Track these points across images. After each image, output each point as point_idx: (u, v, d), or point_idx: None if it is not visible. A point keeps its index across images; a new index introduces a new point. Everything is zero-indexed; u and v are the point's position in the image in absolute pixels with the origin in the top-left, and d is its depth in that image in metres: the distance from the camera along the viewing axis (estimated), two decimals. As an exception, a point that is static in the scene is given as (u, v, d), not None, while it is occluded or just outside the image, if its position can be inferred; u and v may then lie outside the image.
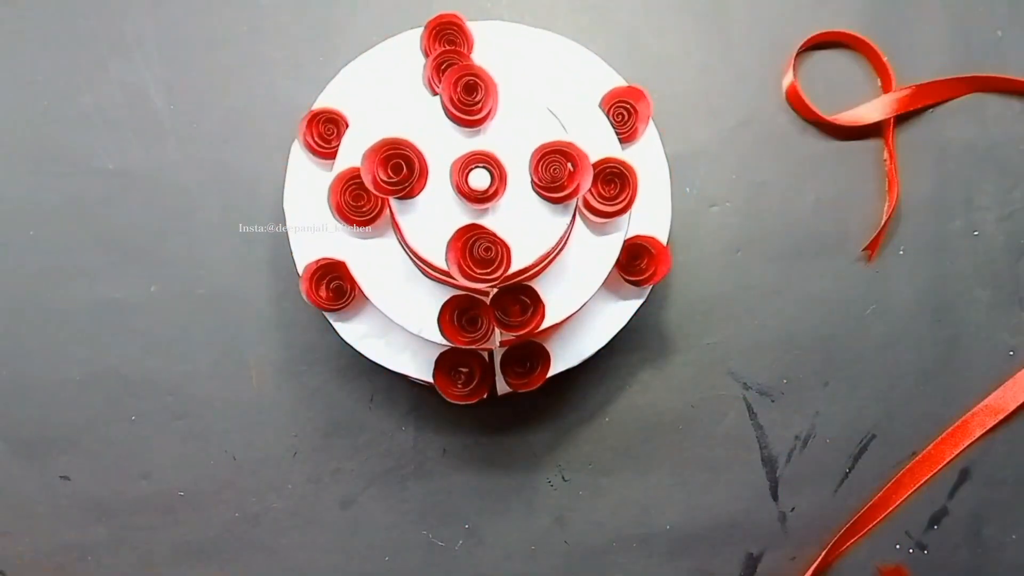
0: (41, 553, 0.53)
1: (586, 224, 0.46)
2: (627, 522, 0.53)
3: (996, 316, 0.55)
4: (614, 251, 0.46)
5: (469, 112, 0.42)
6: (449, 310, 0.44)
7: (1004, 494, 0.53)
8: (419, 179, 0.41)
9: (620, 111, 0.49)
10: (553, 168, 0.41)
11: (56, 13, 0.57)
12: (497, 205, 0.42)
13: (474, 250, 0.41)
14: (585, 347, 0.49)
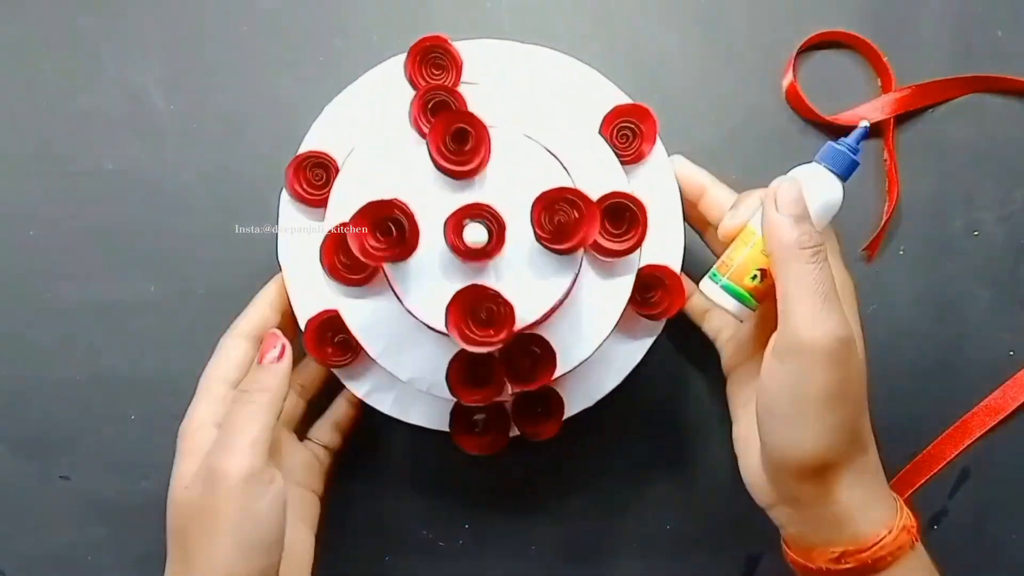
0: (41, 553, 0.53)
1: (593, 265, 0.43)
2: (627, 522, 0.53)
3: (996, 316, 0.55)
4: (625, 292, 0.43)
5: (460, 163, 0.40)
6: (457, 367, 0.43)
7: (1004, 494, 0.53)
8: (410, 240, 0.39)
9: (624, 132, 0.46)
10: (556, 217, 0.39)
11: (56, 13, 0.57)
12: (497, 260, 0.40)
13: (475, 313, 0.39)
14: (599, 388, 0.47)
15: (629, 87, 0.56)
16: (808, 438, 0.38)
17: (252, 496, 0.39)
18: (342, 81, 0.56)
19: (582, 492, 0.53)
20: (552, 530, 0.53)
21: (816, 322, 0.37)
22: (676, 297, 0.45)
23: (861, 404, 0.40)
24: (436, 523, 0.53)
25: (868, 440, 0.40)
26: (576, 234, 0.39)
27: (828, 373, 0.37)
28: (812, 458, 0.38)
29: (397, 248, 0.39)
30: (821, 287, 0.38)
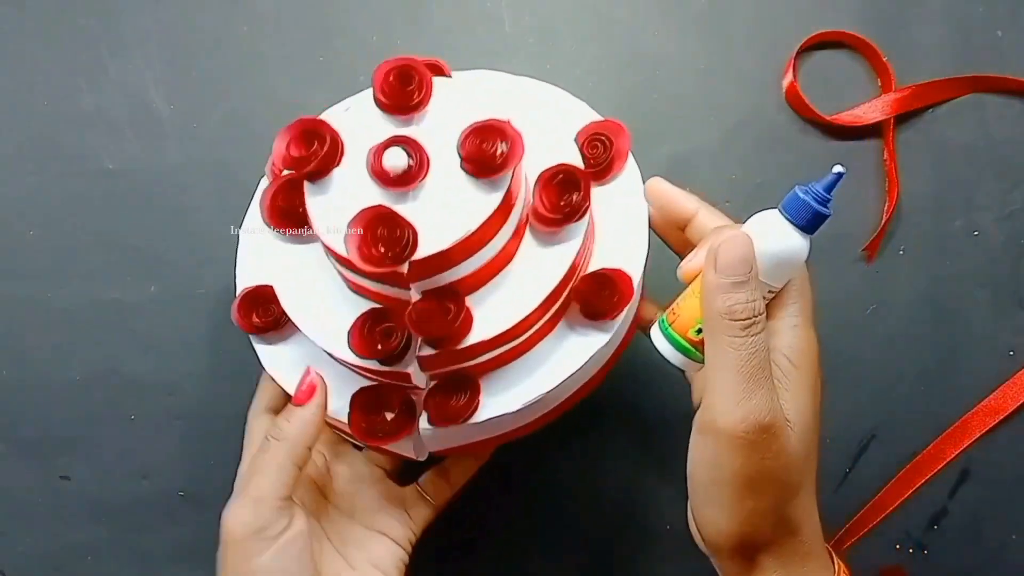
0: (41, 553, 0.53)
1: (536, 238, 0.41)
2: (627, 522, 0.53)
3: (996, 316, 0.55)
4: (563, 264, 0.40)
5: (400, 99, 0.40)
6: (363, 322, 0.40)
7: (1004, 494, 0.53)
8: (329, 156, 0.39)
9: (595, 143, 0.44)
10: (482, 142, 0.38)
11: (56, 13, 0.57)
12: (419, 190, 0.38)
13: (377, 231, 0.37)
14: (530, 389, 0.41)
15: (629, 87, 0.56)
16: (723, 519, 0.37)
17: (250, 552, 0.39)
18: (342, 81, 0.56)
19: (582, 492, 0.53)
20: (552, 530, 0.53)
21: (734, 405, 0.35)
22: (622, 299, 0.41)
23: (788, 489, 0.37)
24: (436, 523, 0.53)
25: (800, 523, 0.37)
26: (500, 158, 0.37)
27: (743, 459, 0.35)
28: (727, 539, 0.37)
29: (315, 161, 0.39)
30: (746, 366, 0.35)
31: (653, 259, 0.44)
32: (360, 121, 0.40)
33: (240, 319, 0.44)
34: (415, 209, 0.38)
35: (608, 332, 0.42)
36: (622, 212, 0.44)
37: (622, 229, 0.44)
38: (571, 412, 0.54)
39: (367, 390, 0.42)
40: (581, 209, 0.40)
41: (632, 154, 0.45)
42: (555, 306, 0.41)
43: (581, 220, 0.40)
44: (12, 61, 0.56)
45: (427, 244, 0.37)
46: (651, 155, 0.55)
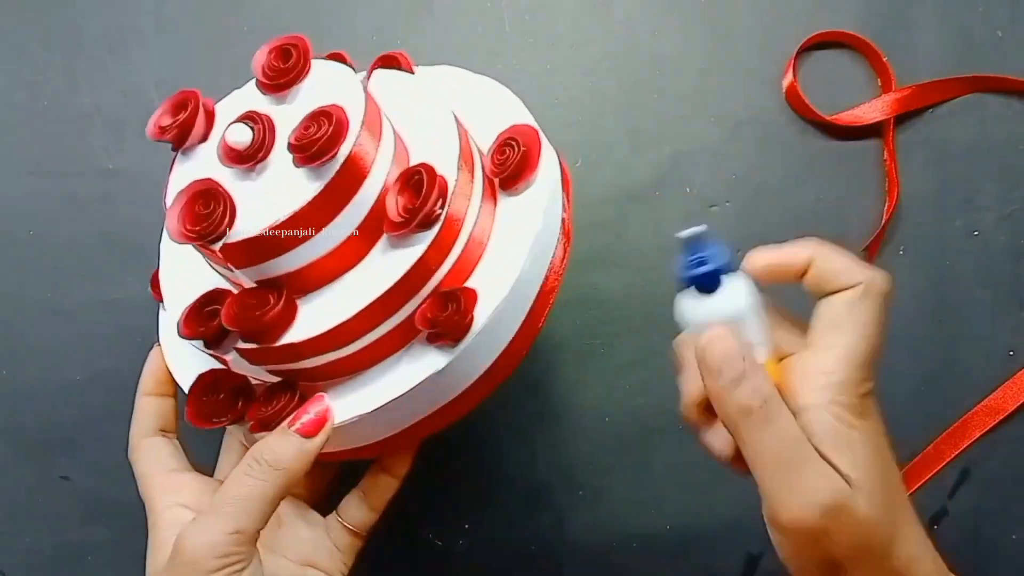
0: (41, 553, 0.53)
1: (390, 244, 0.38)
2: (627, 522, 0.53)
3: (996, 316, 0.55)
4: (397, 271, 0.37)
5: (274, 77, 0.39)
6: (200, 302, 0.39)
7: (1004, 494, 0.53)
8: (187, 125, 0.38)
9: (504, 147, 0.41)
10: (307, 127, 0.36)
11: (56, 13, 0.57)
12: (263, 172, 0.37)
13: (195, 206, 0.36)
14: (351, 406, 0.38)
15: (629, 87, 0.56)
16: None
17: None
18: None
19: (582, 492, 0.53)
20: (552, 530, 0.53)
21: (786, 497, 0.32)
22: (461, 322, 0.37)
23: (877, 549, 0.34)
24: (436, 523, 0.53)
25: (908, 570, 0.35)
26: (321, 149, 0.35)
27: (818, 543, 0.33)
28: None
29: (174, 130, 0.38)
30: (780, 455, 0.32)
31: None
32: (245, 100, 0.40)
33: (153, 291, 0.44)
34: (252, 190, 0.37)
35: (449, 355, 0.37)
36: (512, 229, 0.40)
37: (504, 247, 0.40)
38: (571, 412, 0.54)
39: (213, 373, 0.41)
40: (430, 216, 0.36)
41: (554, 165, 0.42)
42: (393, 317, 0.38)
43: (429, 228, 0.37)
44: (12, 61, 0.56)
45: (243, 227, 0.36)
46: (651, 155, 0.56)
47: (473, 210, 0.39)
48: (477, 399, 0.41)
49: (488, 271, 0.39)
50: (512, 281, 0.38)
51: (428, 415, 0.40)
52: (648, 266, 0.54)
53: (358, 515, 0.45)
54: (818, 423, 0.33)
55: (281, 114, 0.39)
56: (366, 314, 0.37)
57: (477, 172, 0.40)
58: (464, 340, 0.37)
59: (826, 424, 0.33)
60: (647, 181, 0.55)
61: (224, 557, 0.36)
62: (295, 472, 0.37)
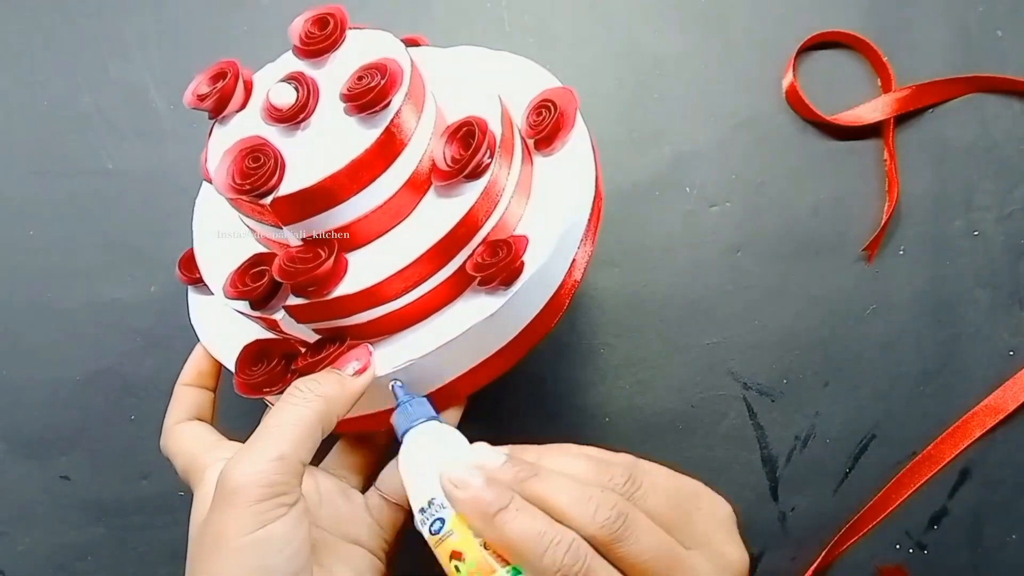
0: (41, 553, 0.53)
1: (438, 195, 0.39)
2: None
3: (996, 316, 0.55)
4: (448, 221, 0.37)
5: (313, 43, 0.39)
6: (244, 266, 0.39)
7: (1004, 494, 0.53)
8: (226, 92, 0.39)
9: (541, 110, 0.42)
10: (361, 78, 0.37)
11: (56, 13, 0.57)
12: (307, 129, 0.37)
13: (245, 162, 0.36)
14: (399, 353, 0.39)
15: (629, 87, 0.56)
16: None
17: (262, 517, 0.33)
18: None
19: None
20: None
21: None
22: (514, 264, 0.37)
23: None
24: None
25: None
26: (377, 96, 0.36)
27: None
28: None
29: (213, 98, 0.39)
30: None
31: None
32: (280, 70, 0.40)
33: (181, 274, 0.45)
34: (298, 145, 0.37)
35: (501, 298, 0.38)
36: (552, 184, 0.41)
37: (546, 201, 0.41)
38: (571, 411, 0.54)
39: (258, 343, 0.41)
40: (480, 166, 0.37)
41: (585, 122, 0.43)
42: (443, 269, 0.38)
43: (479, 178, 0.38)
44: (12, 61, 0.56)
45: (293, 181, 0.36)
46: (651, 155, 0.56)
47: (516, 165, 0.40)
48: (522, 351, 0.41)
49: (534, 222, 0.40)
50: (559, 230, 0.39)
51: (476, 366, 0.40)
52: (648, 266, 0.54)
53: (398, 484, 0.41)
54: None
55: (323, 76, 0.39)
56: (417, 265, 0.37)
57: (516, 131, 0.41)
58: (516, 284, 0.38)
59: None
60: (647, 181, 0.55)
61: (270, 487, 0.33)
62: (336, 402, 0.36)
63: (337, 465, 0.44)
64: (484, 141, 0.37)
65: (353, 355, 0.38)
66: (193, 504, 0.38)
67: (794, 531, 0.53)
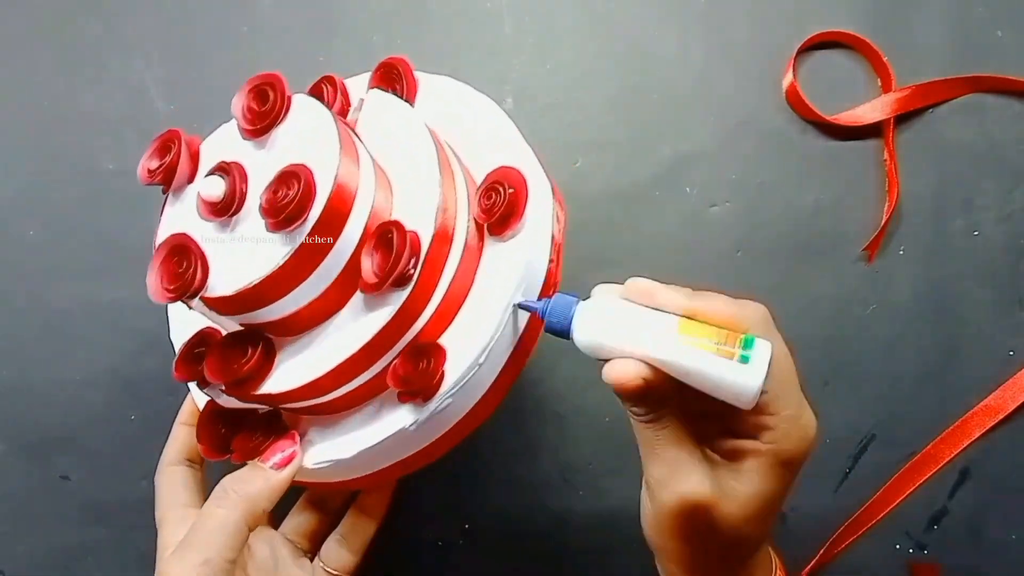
0: (41, 553, 0.53)
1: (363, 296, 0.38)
2: (627, 522, 0.53)
3: (996, 316, 0.55)
4: (372, 328, 0.36)
5: (255, 122, 0.38)
6: (192, 341, 0.40)
7: (1004, 494, 0.53)
8: (170, 169, 0.38)
9: (491, 192, 0.39)
10: (276, 190, 0.35)
11: (56, 13, 0.57)
12: (238, 224, 0.37)
13: (172, 262, 0.37)
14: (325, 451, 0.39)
15: (629, 87, 0.56)
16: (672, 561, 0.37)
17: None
18: (342, 81, 0.56)
19: (582, 492, 0.53)
20: (552, 530, 0.53)
21: (664, 479, 0.36)
22: (428, 383, 0.37)
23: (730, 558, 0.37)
24: (436, 523, 0.53)
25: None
26: (292, 215, 0.34)
27: (679, 526, 0.36)
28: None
29: (163, 174, 0.39)
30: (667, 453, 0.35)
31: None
32: (228, 138, 0.40)
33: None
34: (228, 245, 0.37)
35: (419, 413, 0.38)
36: (495, 278, 0.39)
37: (485, 297, 0.39)
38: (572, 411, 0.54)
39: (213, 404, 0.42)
40: (403, 277, 0.36)
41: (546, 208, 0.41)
42: (366, 371, 0.38)
43: (402, 288, 0.36)
44: (12, 61, 0.56)
45: (218, 285, 0.36)
46: (651, 155, 0.56)
47: (453, 262, 0.38)
48: (452, 445, 0.41)
49: (466, 325, 0.39)
50: (485, 341, 0.38)
51: (402, 460, 0.41)
52: (648, 266, 0.54)
53: (339, 558, 0.46)
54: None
55: (258, 161, 0.38)
56: (340, 370, 0.37)
57: (461, 220, 0.39)
58: (433, 400, 0.37)
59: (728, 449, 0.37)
60: (647, 181, 0.55)
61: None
62: (260, 498, 0.39)
63: (293, 530, 0.47)
64: (405, 251, 0.36)
65: (279, 447, 0.40)
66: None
67: (794, 531, 0.53)
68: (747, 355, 0.35)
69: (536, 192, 0.40)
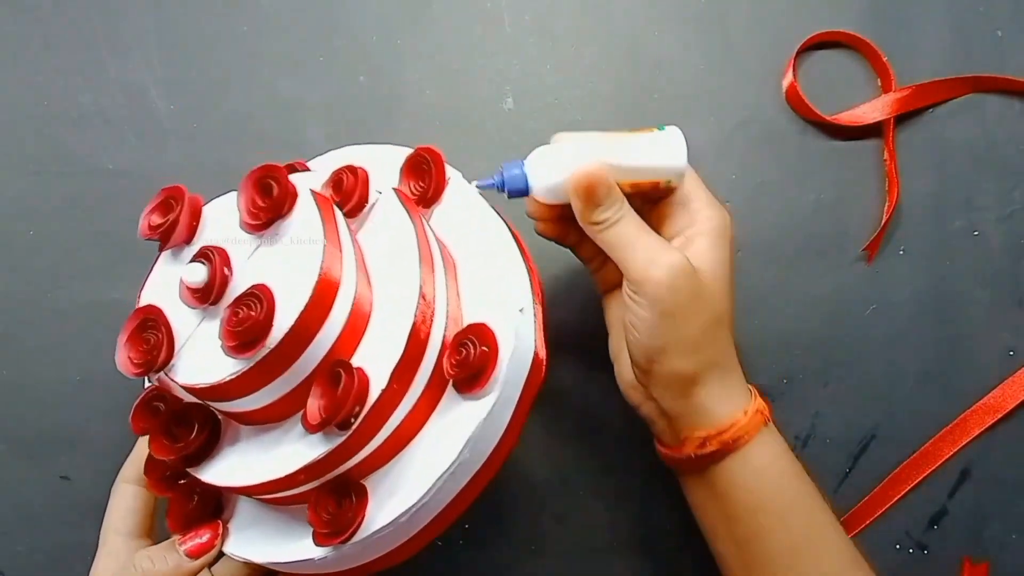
0: (41, 553, 0.53)
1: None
2: (627, 522, 0.53)
3: (996, 316, 0.55)
4: (307, 456, 0.36)
5: (252, 215, 0.38)
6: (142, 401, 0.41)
7: (1004, 494, 0.53)
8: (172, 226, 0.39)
9: (461, 347, 0.38)
10: (241, 312, 0.35)
11: (56, 13, 0.57)
12: (210, 318, 0.37)
13: (140, 337, 0.38)
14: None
15: (629, 87, 0.57)
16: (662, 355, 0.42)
17: None
18: (342, 81, 0.56)
19: (582, 491, 0.53)
20: (552, 529, 0.53)
21: (642, 265, 0.41)
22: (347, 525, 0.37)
23: (715, 316, 0.43)
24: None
25: (723, 350, 0.44)
26: (252, 341, 0.35)
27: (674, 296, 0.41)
28: (664, 371, 0.42)
29: (165, 229, 0.39)
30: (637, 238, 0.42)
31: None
32: (228, 211, 0.40)
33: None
34: (201, 331, 0.38)
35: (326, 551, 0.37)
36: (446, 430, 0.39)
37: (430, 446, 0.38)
38: (572, 411, 0.54)
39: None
40: (345, 423, 0.36)
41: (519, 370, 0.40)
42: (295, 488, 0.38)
43: (344, 431, 0.36)
44: (12, 61, 0.56)
45: (180, 369, 0.38)
46: (651, 155, 0.55)
47: (403, 409, 0.38)
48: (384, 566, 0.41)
49: (404, 469, 0.38)
50: (413, 501, 0.37)
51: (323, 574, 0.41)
52: (648, 266, 0.54)
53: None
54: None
55: (248, 249, 0.38)
56: (269, 484, 0.37)
57: (426, 365, 0.38)
58: (350, 540, 0.37)
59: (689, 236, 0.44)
60: (647, 181, 0.55)
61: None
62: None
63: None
64: (349, 400, 0.35)
65: (199, 532, 0.42)
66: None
67: (794, 531, 0.53)
68: (662, 126, 0.45)
69: (512, 357, 0.39)
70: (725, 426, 0.42)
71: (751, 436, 0.43)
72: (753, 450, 0.43)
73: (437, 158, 0.43)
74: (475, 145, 0.55)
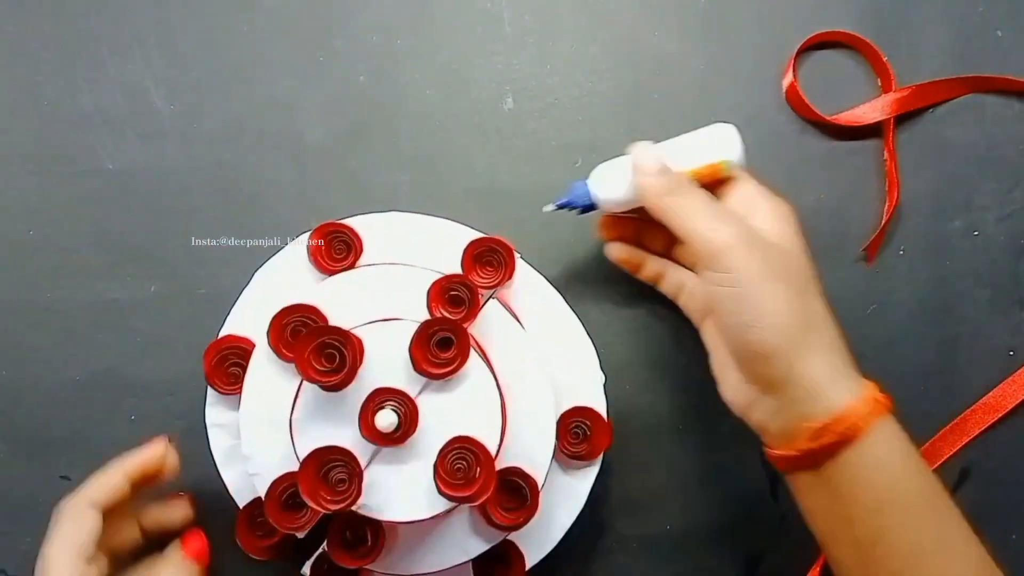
0: (41, 553, 0.53)
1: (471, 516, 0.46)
2: (627, 522, 0.53)
3: (996, 316, 0.55)
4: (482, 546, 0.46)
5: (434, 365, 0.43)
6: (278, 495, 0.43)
7: (1004, 494, 0.53)
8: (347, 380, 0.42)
9: (574, 428, 0.48)
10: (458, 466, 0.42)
11: (56, 13, 0.57)
12: (396, 458, 0.43)
13: (330, 476, 0.41)
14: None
15: (629, 87, 0.56)
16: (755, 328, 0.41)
17: None
18: (342, 81, 0.56)
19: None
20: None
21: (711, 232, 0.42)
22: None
23: (796, 286, 0.42)
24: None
25: (820, 319, 0.43)
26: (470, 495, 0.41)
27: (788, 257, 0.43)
28: (761, 343, 0.41)
29: (334, 375, 0.42)
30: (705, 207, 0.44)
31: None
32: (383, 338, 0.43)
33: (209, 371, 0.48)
34: (385, 473, 0.42)
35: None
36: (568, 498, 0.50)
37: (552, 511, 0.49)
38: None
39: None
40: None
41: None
42: None
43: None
44: (12, 61, 0.56)
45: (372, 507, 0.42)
46: (651, 155, 0.55)
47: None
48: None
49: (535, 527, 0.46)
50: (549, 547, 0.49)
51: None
52: (648, 266, 0.54)
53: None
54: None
55: (411, 389, 0.43)
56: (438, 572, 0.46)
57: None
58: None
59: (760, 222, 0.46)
60: (647, 181, 0.55)
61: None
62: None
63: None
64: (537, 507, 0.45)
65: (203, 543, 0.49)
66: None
67: (794, 531, 0.53)
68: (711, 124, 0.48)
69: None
70: (840, 413, 0.39)
71: (869, 425, 0.40)
72: (873, 442, 0.40)
73: (509, 251, 0.47)
74: (475, 145, 0.55)
